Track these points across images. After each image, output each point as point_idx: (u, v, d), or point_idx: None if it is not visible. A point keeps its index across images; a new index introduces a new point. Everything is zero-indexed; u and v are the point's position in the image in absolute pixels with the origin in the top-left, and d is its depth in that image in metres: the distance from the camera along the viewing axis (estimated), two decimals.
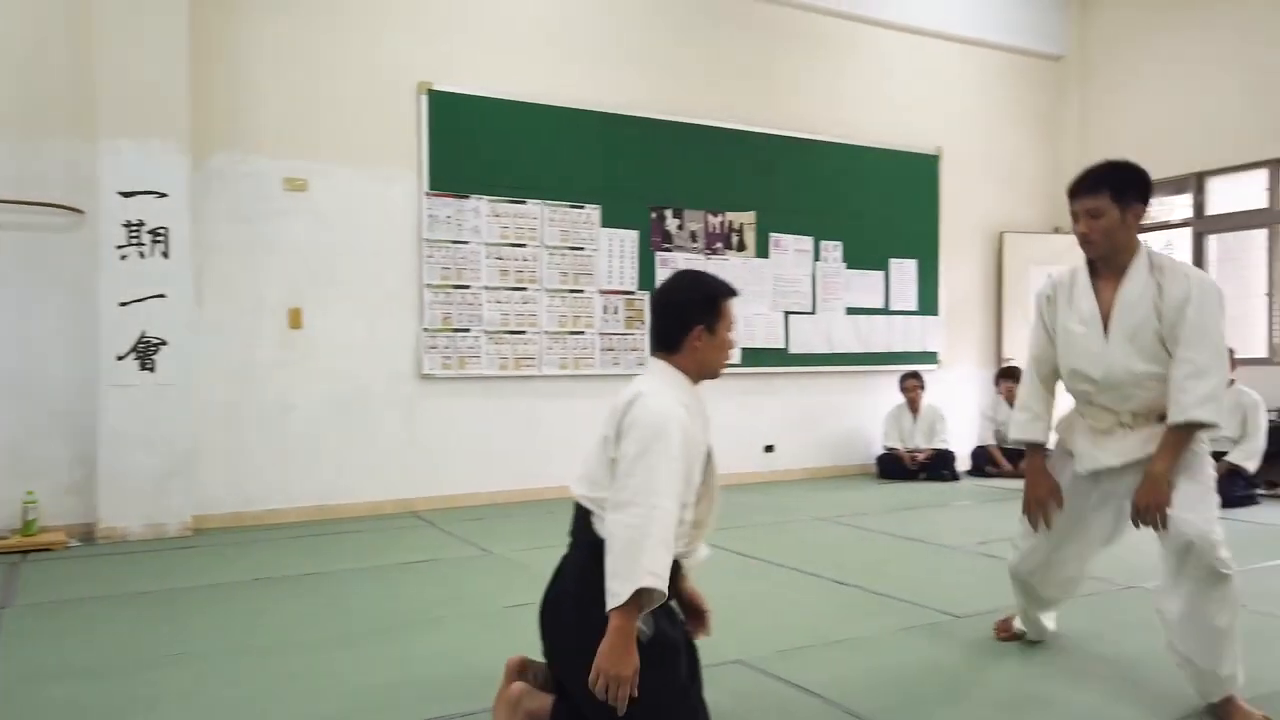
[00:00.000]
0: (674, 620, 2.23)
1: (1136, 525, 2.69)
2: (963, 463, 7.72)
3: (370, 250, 5.96)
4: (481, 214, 6.23)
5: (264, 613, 3.67)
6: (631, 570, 1.96)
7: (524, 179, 6.34)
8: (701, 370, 2.32)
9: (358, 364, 5.92)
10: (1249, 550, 4.71)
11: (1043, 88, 8.77)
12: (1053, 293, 2.90)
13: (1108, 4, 8.51)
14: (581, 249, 6.57)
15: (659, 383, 2.24)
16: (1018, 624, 3.21)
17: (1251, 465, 6.08)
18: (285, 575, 4.29)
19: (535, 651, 2.33)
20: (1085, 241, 2.75)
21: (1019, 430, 2.99)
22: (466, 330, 6.19)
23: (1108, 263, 2.75)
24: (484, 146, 6.25)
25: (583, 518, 2.22)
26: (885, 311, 7.88)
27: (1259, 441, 6.10)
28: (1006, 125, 8.57)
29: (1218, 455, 6.08)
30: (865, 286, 7.77)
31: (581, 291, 6.58)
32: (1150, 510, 2.61)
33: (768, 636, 3.26)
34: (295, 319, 5.75)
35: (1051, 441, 2.99)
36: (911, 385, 7.56)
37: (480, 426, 6.22)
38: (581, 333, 6.57)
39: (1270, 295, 7.36)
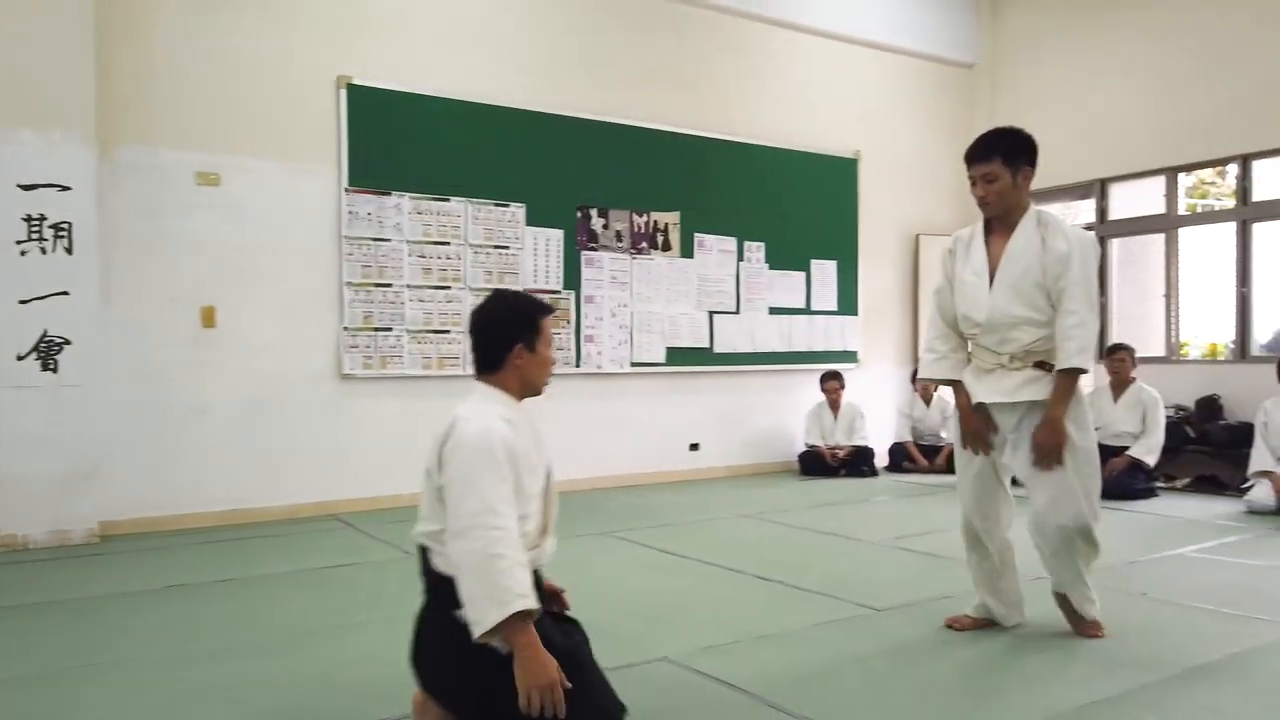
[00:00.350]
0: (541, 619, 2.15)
1: (1036, 465, 3.04)
2: (881, 459, 7.91)
3: (288, 247, 5.81)
4: (403, 211, 6.14)
5: (177, 621, 3.55)
6: (496, 595, 1.99)
7: (447, 176, 6.27)
8: (524, 387, 2.35)
9: (275, 364, 5.77)
10: (1149, 541, 4.94)
11: (956, 94, 9.04)
12: (954, 246, 3.23)
13: (1017, 14, 8.82)
14: (506, 248, 6.53)
15: (477, 404, 2.26)
16: (976, 611, 3.33)
17: (1151, 460, 6.36)
18: (199, 582, 4.15)
19: None
20: (982, 203, 3.08)
21: (926, 369, 3.30)
22: (389, 329, 6.09)
23: (1001, 221, 3.09)
24: (406, 143, 6.15)
25: (424, 558, 2.25)
26: (806, 311, 8.03)
27: (1158, 437, 6.39)
28: (922, 130, 8.81)
29: (1119, 450, 6.42)
30: (787, 287, 7.90)
31: None
32: (1047, 450, 2.98)
33: (693, 633, 3.29)
34: (208, 317, 5.57)
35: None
36: (832, 386, 7.71)
37: (403, 427, 6.12)
38: None
39: (1168, 297, 7.73)
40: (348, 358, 5.95)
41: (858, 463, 7.53)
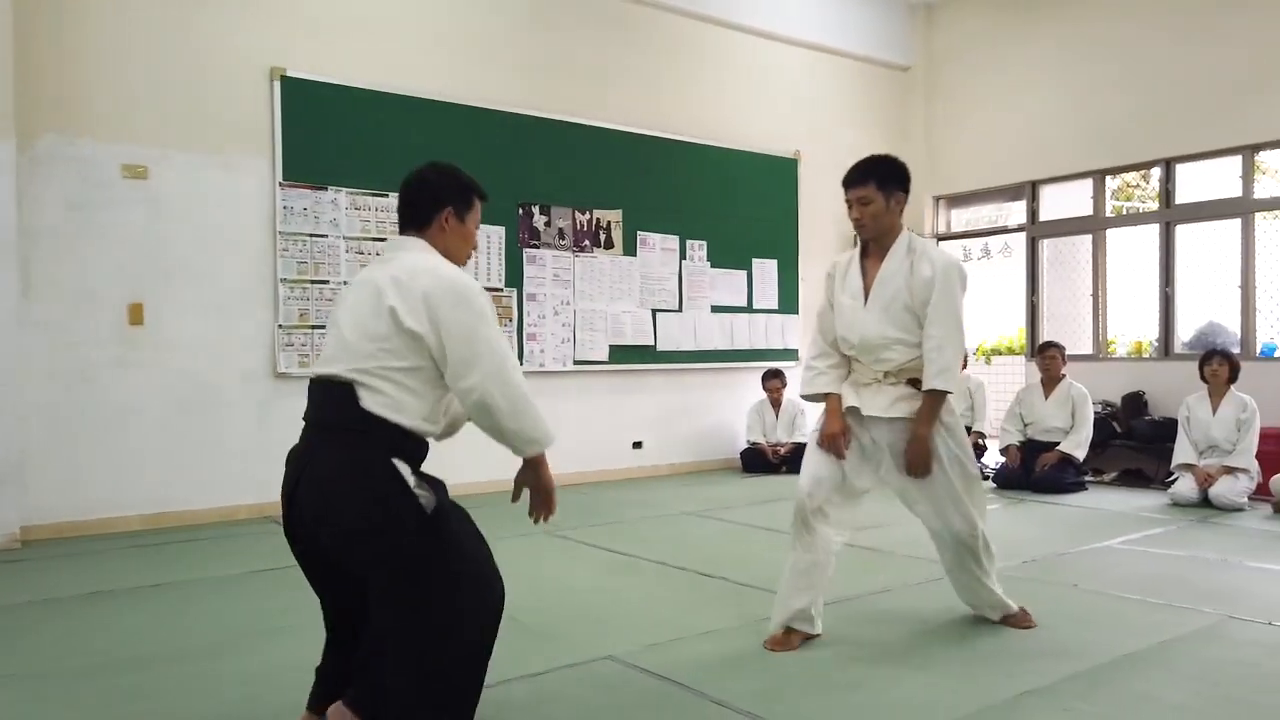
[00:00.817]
0: (439, 487, 2.21)
1: (908, 474, 3.17)
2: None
3: (219, 243, 5.65)
4: (340, 206, 6.02)
5: (102, 628, 3.43)
6: (540, 425, 2.20)
7: (386, 171, 6.15)
8: (445, 255, 2.32)
9: (206, 363, 5.61)
10: (1079, 533, 5.08)
11: (892, 96, 9.19)
12: (834, 271, 3.34)
13: (951, 19, 9.00)
14: None
15: (427, 256, 2.26)
16: (791, 625, 3.12)
17: (1080, 454, 6.54)
18: (125, 587, 4.02)
19: None
20: (858, 226, 3.19)
21: (805, 386, 3.37)
22: (325, 327, 5.96)
23: (877, 244, 3.20)
24: (343, 137, 6.03)
25: (343, 397, 2.12)
26: (748, 310, 8.08)
27: (1087, 432, 6.57)
28: (860, 131, 8.93)
29: (1050, 445, 6.59)
30: (729, 285, 7.95)
31: None
32: (916, 466, 3.12)
33: (637, 631, 3.28)
34: (136, 315, 5.39)
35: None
36: (774, 384, 7.78)
37: None
38: None
39: (1095, 296, 7.96)
40: (283, 356, 5.81)
41: (799, 460, 7.57)
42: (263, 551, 4.72)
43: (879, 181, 3.15)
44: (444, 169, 2.40)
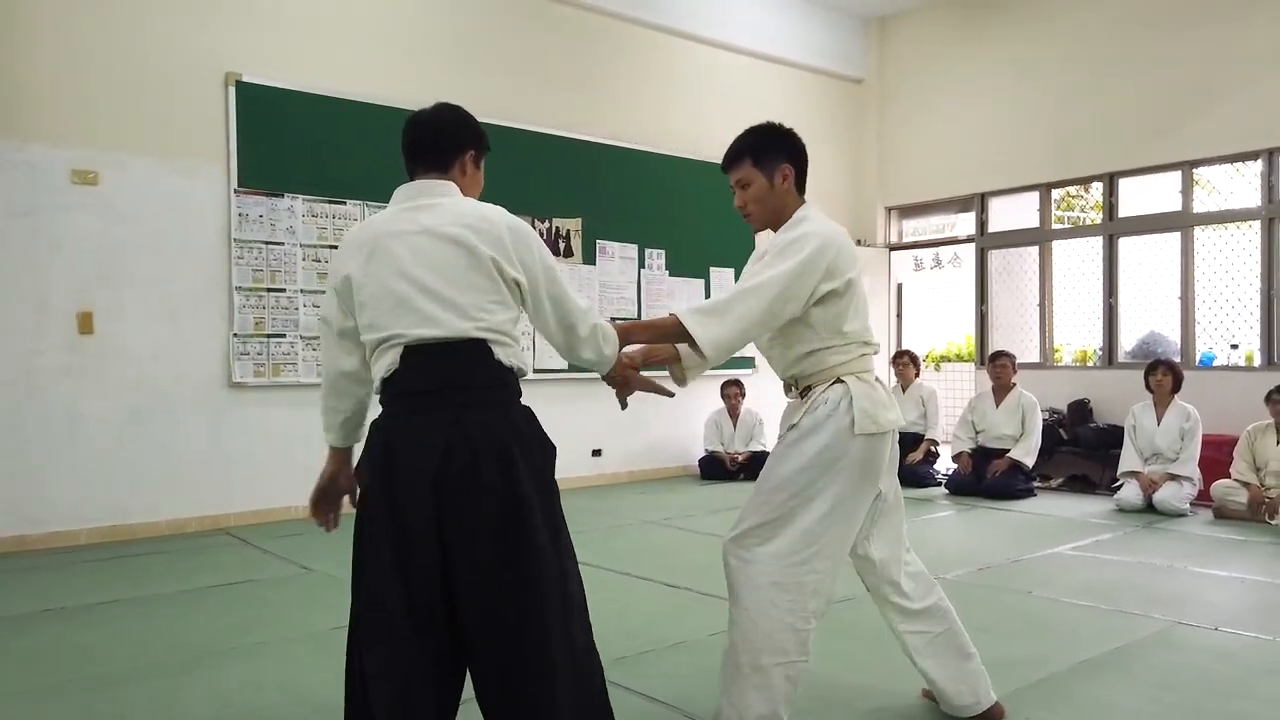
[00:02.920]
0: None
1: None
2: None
3: (173, 250, 5.54)
4: (297, 213, 5.93)
5: (52, 648, 3.34)
6: (613, 342, 2.24)
7: (343, 178, 6.09)
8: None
9: (159, 372, 5.48)
10: (1030, 540, 5.20)
11: (845, 108, 9.33)
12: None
13: (903, 34, 9.18)
14: None
15: (458, 201, 2.07)
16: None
17: (1029, 461, 6.71)
18: (77, 604, 3.91)
19: None
20: (744, 215, 2.63)
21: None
22: (281, 336, 5.87)
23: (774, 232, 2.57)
24: (299, 143, 5.95)
25: (480, 356, 1.97)
26: None
27: (1036, 439, 6.75)
28: (814, 142, 8.90)
29: (1001, 452, 6.74)
30: (688, 294, 8.00)
31: None
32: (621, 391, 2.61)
33: (605, 645, 3.24)
34: (86, 323, 5.26)
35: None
36: (732, 392, 7.85)
37: (298, 436, 5.91)
38: None
39: (1042, 306, 8.17)
40: (238, 365, 5.71)
41: (756, 467, 7.66)
42: (224, 565, 4.64)
43: (754, 157, 2.58)
44: (459, 110, 2.22)
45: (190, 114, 5.60)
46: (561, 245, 7.21)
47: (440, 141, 2.14)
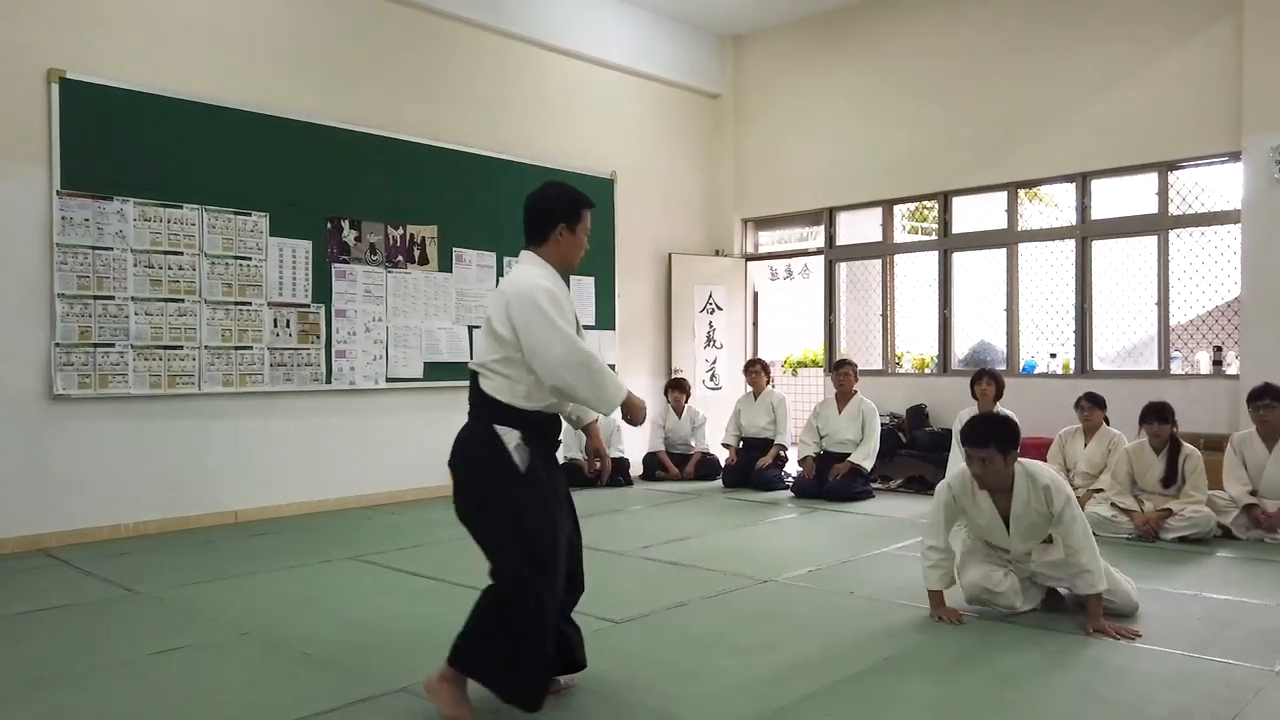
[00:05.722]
0: (553, 468, 2.91)
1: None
2: (636, 468, 8.21)
3: None
4: (128, 218, 5.66)
5: None
6: (612, 387, 2.78)
7: (180, 182, 5.85)
8: (563, 262, 2.94)
9: None
10: (862, 541, 5.47)
11: (703, 122, 9.57)
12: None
13: (757, 51, 9.48)
14: (248, 259, 6.19)
15: (521, 268, 2.88)
16: None
17: (868, 464, 7.06)
18: None
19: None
20: (979, 480, 3.74)
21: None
22: (110, 345, 5.60)
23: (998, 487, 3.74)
24: (132, 145, 5.69)
25: (474, 383, 2.83)
26: None
27: (874, 443, 7.10)
28: (674, 154, 9.26)
29: (843, 456, 7.05)
30: None
31: (249, 304, 6.19)
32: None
33: (436, 661, 3.27)
34: None
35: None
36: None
37: (127, 451, 5.65)
38: (249, 347, 6.19)
39: (885, 316, 8.60)
40: (60, 377, 5.41)
41: (614, 473, 7.78)
42: (40, 589, 4.39)
43: (999, 445, 3.60)
44: (559, 188, 2.97)
45: (7, 112, 5.27)
46: (416, 252, 7.14)
47: (534, 218, 2.94)
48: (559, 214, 2.91)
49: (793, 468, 7.71)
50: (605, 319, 8.53)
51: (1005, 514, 3.72)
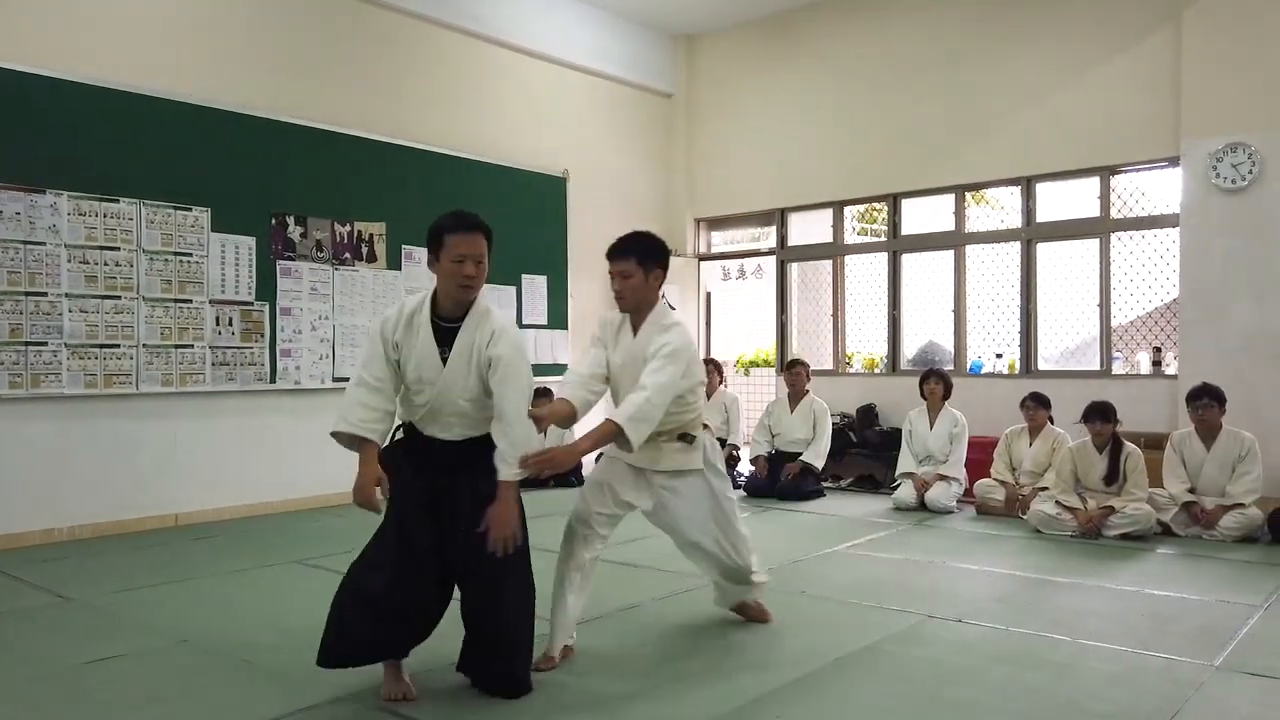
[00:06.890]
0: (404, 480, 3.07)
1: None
2: (588, 468, 8.14)
3: None
4: (61, 212, 5.47)
5: None
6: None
7: (117, 175, 5.67)
8: (443, 292, 2.98)
9: None
10: (813, 540, 5.49)
11: (656, 121, 9.56)
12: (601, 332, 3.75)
13: (709, 51, 9.49)
14: (189, 255, 6.02)
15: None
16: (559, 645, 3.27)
17: (819, 464, 7.10)
18: None
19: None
20: (618, 297, 3.57)
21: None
22: (42, 344, 5.40)
23: (636, 315, 3.63)
24: (64, 137, 5.49)
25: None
26: (518, 325, 8.10)
27: (825, 443, 7.14)
28: (626, 153, 9.22)
29: (795, 455, 7.08)
30: (499, 301, 7.90)
31: (189, 301, 6.02)
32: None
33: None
34: None
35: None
36: (541, 401, 7.84)
37: (61, 453, 5.46)
38: (190, 346, 6.02)
39: (835, 316, 8.67)
40: None
41: (567, 473, 7.71)
42: None
43: (640, 257, 3.35)
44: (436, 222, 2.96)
45: None
46: (364, 250, 7.01)
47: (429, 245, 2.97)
48: (429, 245, 2.98)
49: (745, 467, 7.72)
50: (558, 318, 8.48)
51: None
